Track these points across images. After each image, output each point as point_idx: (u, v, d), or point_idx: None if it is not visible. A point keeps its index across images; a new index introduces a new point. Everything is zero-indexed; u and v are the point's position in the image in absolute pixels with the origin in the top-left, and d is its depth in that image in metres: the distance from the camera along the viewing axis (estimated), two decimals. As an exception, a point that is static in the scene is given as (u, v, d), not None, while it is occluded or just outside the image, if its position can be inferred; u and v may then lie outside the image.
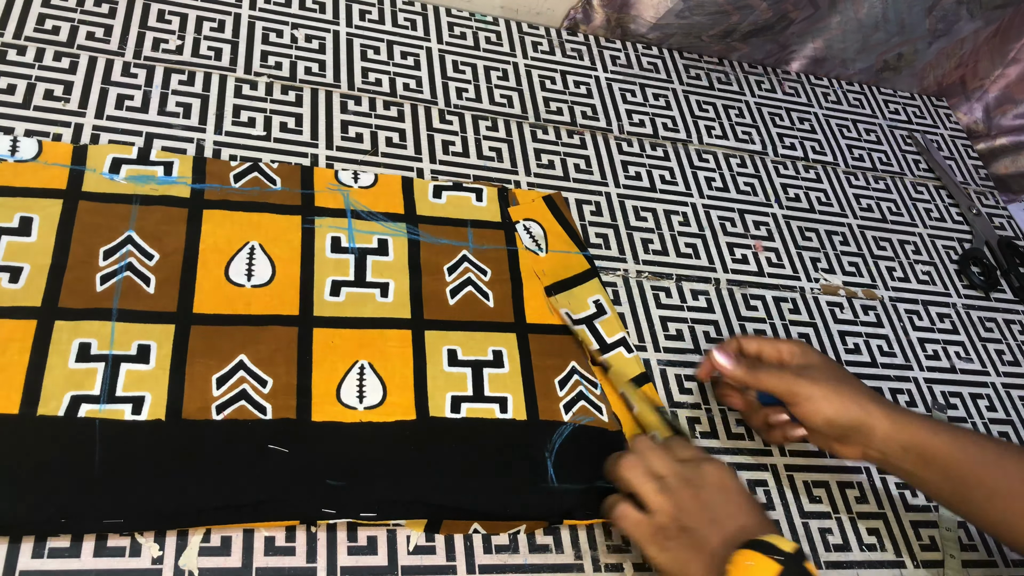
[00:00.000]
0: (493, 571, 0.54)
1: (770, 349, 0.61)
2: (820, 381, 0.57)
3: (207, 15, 0.74)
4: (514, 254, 0.68)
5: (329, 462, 0.53)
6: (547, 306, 0.66)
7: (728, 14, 0.87)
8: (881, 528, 0.65)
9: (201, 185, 0.63)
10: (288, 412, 0.55)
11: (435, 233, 0.67)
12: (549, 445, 0.59)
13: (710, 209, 0.81)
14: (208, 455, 0.51)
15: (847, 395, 0.56)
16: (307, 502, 0.51)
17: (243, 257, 0.60)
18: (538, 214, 0.71)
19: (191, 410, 0.53)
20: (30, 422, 0.49)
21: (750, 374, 0.59)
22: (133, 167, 0.62)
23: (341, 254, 0.63)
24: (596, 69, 0.88)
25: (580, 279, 0.68)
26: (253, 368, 0.56)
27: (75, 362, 0.52)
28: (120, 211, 0.59)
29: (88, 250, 0.57)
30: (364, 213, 0.66)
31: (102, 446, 0.50)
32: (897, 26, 0.94)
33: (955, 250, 0.90)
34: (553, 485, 0.57)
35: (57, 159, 0.60)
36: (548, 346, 0.64)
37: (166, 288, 0.57)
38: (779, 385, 0.58)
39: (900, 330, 0.80)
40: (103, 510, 0.48)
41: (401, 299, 0.62)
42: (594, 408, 0.62)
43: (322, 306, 0.60)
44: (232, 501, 0.50)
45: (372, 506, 0.52)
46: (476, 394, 0.60)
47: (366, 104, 0.74)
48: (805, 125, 0.94)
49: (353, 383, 0.57)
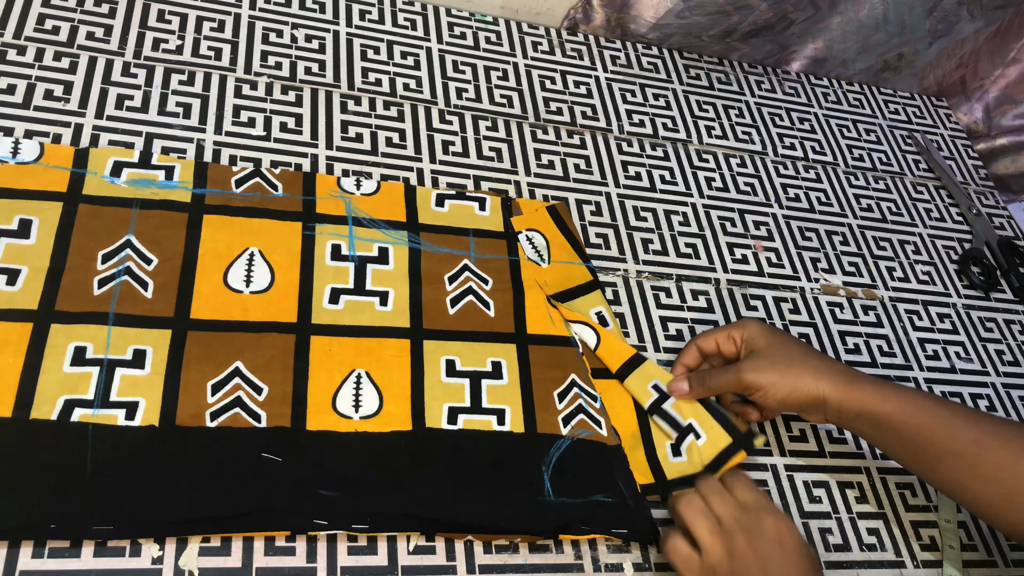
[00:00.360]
0: (493, 571, 0.54)
1: (724, 342, 0.63)
2: (767, 368, 0.58)
3: (207, 15, 0.74)
4: (516, 264, 0.68)
5: (323, 472, 0.53)
6: (548, 317, 0.65)
7: (728, 14, 0.87)
8: (881, 528, 0.65)
9: (202, 190, 0.62)
10: (283, 420, 0.54)
11: (436, 242, 0.66)
12: (546, 459, 0.58)
13: (710, 209, 0.81)
14: (201, 462, 0.51)
15: (795, 374, 0.58)
16: (299, 513, 0.51)
17: (242, 263, 0.60)
18: (541, 224, 0.71)
19: (185, 416, 0.52)
20: (22, 426, 0.49)
21: (702, 387, 0.61)
22: (134, 171, 0.62)
23: (341, 262, 0.63)
24: (596, 69, 0.88)
25: (582, 290, 0.68)
26: (249, 375, 0.55)
27: (70, 366, 0.52)
28: (120, 215, 0.59)
29: (87, 253, 0.57)
30: (366, 220, 0.65)
31: (94, 451, 0.49)
32: (898, 27, 0.94)
33: (955, 250, 0.90)
34: (549, 499, 0.56)
35: (59, 162, 0.60)
36: (548, 358, 0.63)
37: (164, 293, 0.57)
38: (729, 384, 0.60)
39: (900, 330, 0.80)
40: (93, 516, 0.47)
41: (400, 308, 0.62)
42: (593, 422, 0.61)
43: (320, 314, 0.60)
44: (223, 511, 0.50)
45: (364, 518, 0.52)
46: (474, 405, 0.59)
47: (366, 104, 0.74)
48: (805, 125, 0.94)
49: (349, 392, 0.57)
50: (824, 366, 0.59)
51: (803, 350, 0.60)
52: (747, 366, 0.59)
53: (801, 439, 0.68)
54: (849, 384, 0.57)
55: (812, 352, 0.60)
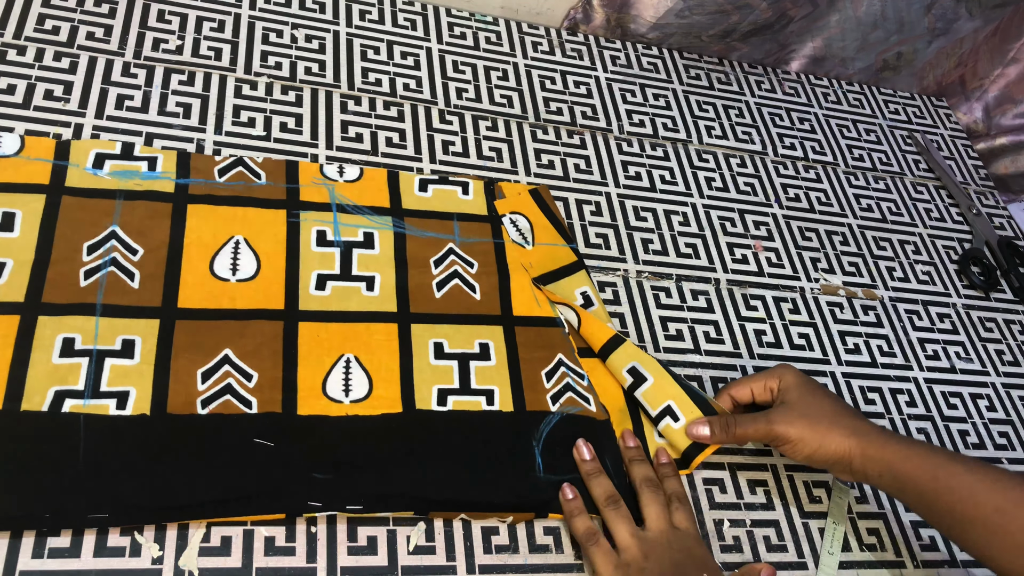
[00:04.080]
0: (493, 571, 0.54)
1: (760, 392, 0.62)
2: (797, 421, 0.58)
3: (207, 15, 0.74)
4: (501, 247, 0.68)
5: (315, 455, 0.53)
6: (534, 298, 0.66)
7: (728, 14, 0.87)
8: (881, 528, 0.65)
9: (186, 180, 0.63)
10: (274, 406, 0.55)
11: (421, 226, 0.67)
12: (537, 435, 0.59)
13: (710, 209, 0.81)
14: (193, 449, 0.51)
15: (824, 430, 0.57)
16: (293, 496, 0.51)
17: (228, 251, 0.60)
18: (524, 207, 0.71)
19: (176, 404, 0.53)
20: (13, 418, 0.49)
21: (729, 435, 0.60)
22: (117, 162, 0.62)
23: (326, 247, 0.63)
24: (596, 69, 0.88)
25: (567, 271, 0.69)
26: (238, 362, 0.56)
27: (59, 357, 0.52)
28: (104, 206, 0.59)
29: (72, 245, 0.57)
30: (349, 207, 0.66)
31: (86, 441, 0.50)
32: (896, 24, 0.94)
33: (955, 250, 0.90)
34: (540, 475, 0.57)
35: (40, 154, 0.60)
36: (535, 338, 0.64)
37: (150, 283, 0.57)
38: (757, 435, 0.60)
39: (900, 330, 0.80)
40: (88, 505, 0.48)
41: (387, 293, 0.63)
42: (581, 399, 0.62)
43: (307, 300, 0.60)
44: (217, 495, 0.50)
45: (358, 499, 0.52)
46: (463, 387, 0.60)
47: (366, 104, 0.74)
48: (805, 125, 0.94)
49: (339, 377, 0.57)
50: (854, 424, 0.58)
51: (835, 406, 0.59)
52: (779, 417, 0.58)
53: (801, 439, 0.68)
54: (872, 444, 0.56)
55: (845, 409, 0.59)
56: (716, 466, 0.64)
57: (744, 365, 0.71)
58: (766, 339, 0.73)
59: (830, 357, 0.74)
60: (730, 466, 0.64)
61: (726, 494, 0.63)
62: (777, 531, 0.62)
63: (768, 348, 0.73)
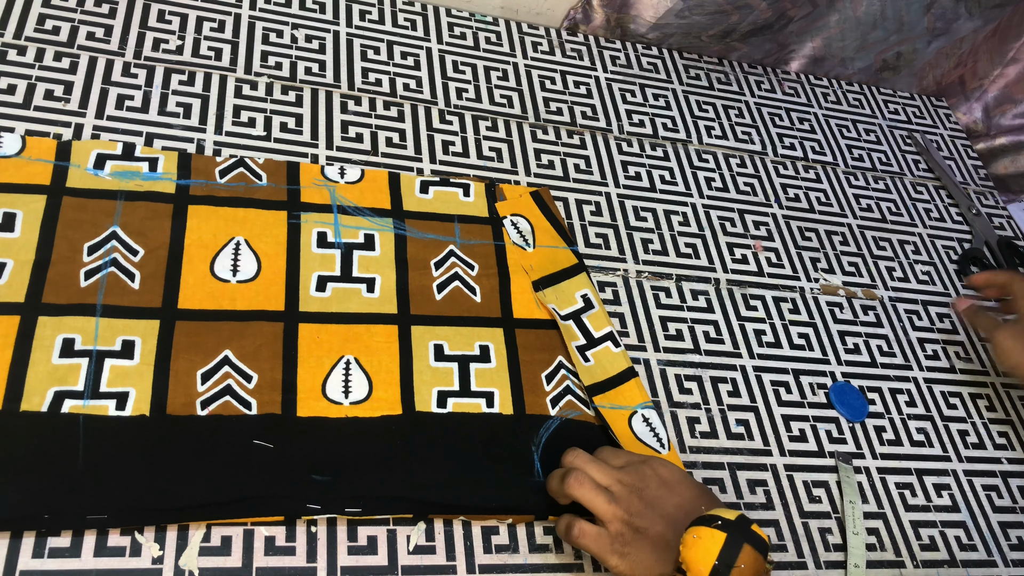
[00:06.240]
0: (493, 571, 0.54)
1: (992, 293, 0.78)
2: None
3: (207, 15, 0.74)
4: (501, 249, 0.68)
5: (315, 457, 0.53)
6: (534, 301, 0.66)
7: (728, 14, 0.87)
8: (881, 528, 0.65)
9: (186, 181, 0.63)
10: (273, 407, 0.55)
11: (422, 228, 0.67)
12: (536, 439, 0.59)
13: (710, 209, 0.81)
14: (192, 451, 0.51)
15: None
16: (292, 497, 0.51)
17: (228, 252, 0.60)
18: (525, 209, 0.71)
19: (176, 406, 0.53)
20: (12, 418, 0.49)
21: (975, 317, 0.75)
22: (118, 163, 0.62)
23: (327, 249, 0.63)
24: (596, 69, 0.88)
25: (568, 273, 0.69)
26: (238, 364, 0.56)
27: (59, 357, 0.52)
28: (105, 207, 0.59)
29: (72, 245, 0.57)
30: (350, 208, 0.66)
31: (86, 442, 0.50)
32: (895, 24, 0.94)
33: (955, 250, 0.90)
34: (539, 479, 0.57)
35: (41, 155, 0.60)
36: (535, 341, 0.64)
37: (151, 283, 0.57)
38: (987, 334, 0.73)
39: (900, 330, 0.80)
40: (86, 506, 0.48)
41: (387, 294, 0.63)
42: (580, 402, 0.62)
43: (308, 301, 0.60)
44: (216, 497, 0.50)
45: (357, 501, 0.52)
46: (462, 389, 0.60)
47: (366, 104, 0.74)
48: (805, 125, 0.94)
49: (339, 378, 0.57)
50: None
51: None
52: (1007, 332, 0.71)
53: (800, 439, 0.68)
54: None
55: None
56: (716, 466, 0.64)
57: (744, 365, 0.71)
58: (766, 339, 0.73)
59: (830, 357, 0.75)
60: (730, 466, 0.64)
61: (726, 494, 0.63)
62: (777, 531, 0.62)
63: (768, 348, 0.73)
